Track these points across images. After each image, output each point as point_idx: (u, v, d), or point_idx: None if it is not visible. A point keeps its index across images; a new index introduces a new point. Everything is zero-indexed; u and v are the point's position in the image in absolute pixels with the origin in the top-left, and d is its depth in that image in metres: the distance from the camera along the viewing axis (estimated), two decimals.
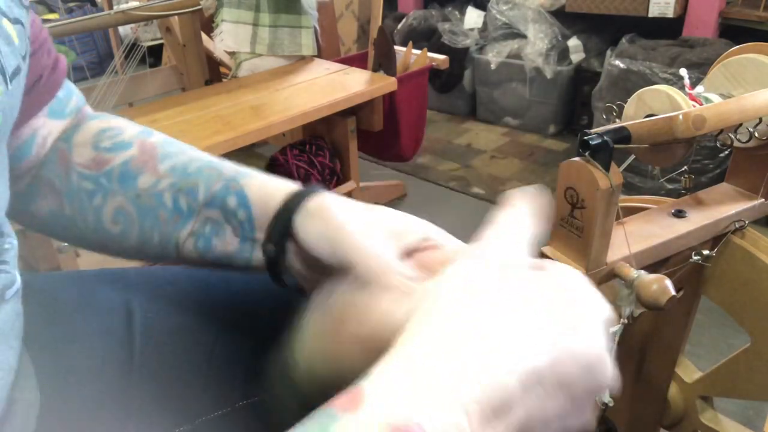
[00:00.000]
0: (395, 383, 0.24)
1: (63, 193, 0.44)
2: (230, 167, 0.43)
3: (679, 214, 0.67)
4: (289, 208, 0.39)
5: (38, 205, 0.45)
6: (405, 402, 0.23)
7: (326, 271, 0.37)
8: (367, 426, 0.22)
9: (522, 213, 0.32)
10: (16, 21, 0.35)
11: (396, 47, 1.63)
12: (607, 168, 0.55)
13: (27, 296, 0.45)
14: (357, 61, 1.74)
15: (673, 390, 0.82)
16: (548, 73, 2.35)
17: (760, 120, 0.61)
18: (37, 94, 0.43)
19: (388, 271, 0.34)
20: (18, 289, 0.36)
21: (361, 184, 1.65)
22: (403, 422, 0.22)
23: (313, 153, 1.44)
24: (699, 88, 0.66)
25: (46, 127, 0.45)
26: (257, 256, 0.41)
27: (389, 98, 1.60)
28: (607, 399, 0.66)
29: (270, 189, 0.41)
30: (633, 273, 0.58)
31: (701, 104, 0.60)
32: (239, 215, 0.41)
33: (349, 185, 1.50)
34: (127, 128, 0.46)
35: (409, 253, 0.39)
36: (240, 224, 0.41)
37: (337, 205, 0.38)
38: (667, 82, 1.80)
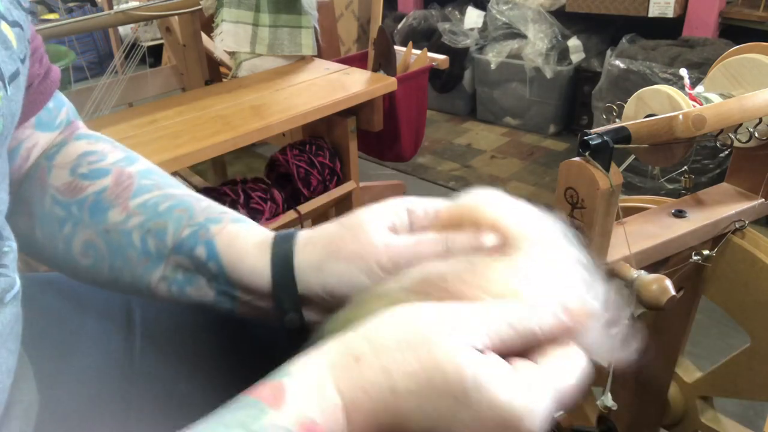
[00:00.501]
0: (312, 391, 0.28)
1: (36, 216, 0.42)
2: (202, 209, 0.41)
3: (679, 214, 0.67)
4: (284, 274, 0.37)
5: (14, 222, 0.42)
6: (316, 409, 0.27)
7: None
8: (286, 422, 0.26)
9: None
10: (14, 24, 0.34)
11: (396, 47, 1.63)
12: (607, 168, 0.55)
13: (26, 297, 0.45)
14: (357, 61, 1.74)
15: (673, 390, 0.82)
16: (548, 73, 2.35)
17: (760, 120, 0.61)
18: (25, 103, 0.40)
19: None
20: (17, 292, 0.36)
21: (361, 184, 1.65)
22: (311, 424, 0.26)
23: (313, 153, 1.44)
24: (699, 88, 0.66)
25: (32, 138, 0.43)
26: (241, 310, 0.40)
27: (389, 98, 1.60)
28: (609, 403, 0.66)
29: (240, 244, 0.39)
30: (633, 273, 0.58)
31: (701, 104, 0.60)
32: (210, 268, 0.39)
33: (349, 185, 1.50)
34: (109, 154, 0.44)
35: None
36: (213, 277, 0.39)
37: (335, 235, 0.38)
38: (667, 82, 1.80)
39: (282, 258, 0.38)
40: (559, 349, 0.31)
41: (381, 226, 0.38)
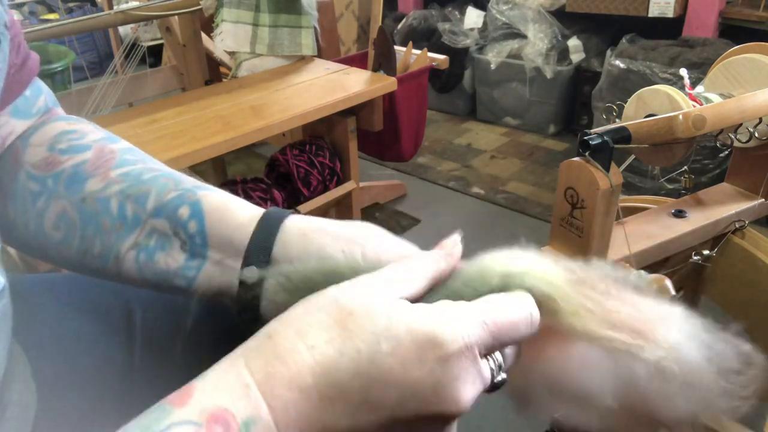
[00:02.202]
0: (221, 379, 0.28)
1: (8, 194, 0.42)
2: (190, 180, 0.42)
3: (679, 214, 0.67)
4: (268, 230, 0.37)
5: None
6: (225, 395, 0.27)
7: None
8: (190, 415, 0.26)
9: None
10: None
11: (396, 47, 1.63)
12: (607, 168, 0.55)
13: (26, 297, 0.45)
14: (357, 61, 1.74)
15: None
16: (548, 73, 2.36)
17: (760, 120, 0.61)
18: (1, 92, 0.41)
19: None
20: (4, 288, 0.36)
21: (361, 184, 1.65)
22: (219, 410, 0.26)
23: (313, 153, 1.44)
24: (699, 88, 0.66)
25: (8, 126, 0.44)
26: (203, 276, 0.39)
27: (389, 98, 1.60)
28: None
29: (231, 207, 0.39)
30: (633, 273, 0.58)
31: (701, 104, 0.60)
32: (190, 227, 0.38)
33: (349, 185, 1.50)
34: (90, 133, 0.44)
35: None
36: (189, 237, 0.39)
37: (317, 227, 0.38)
38: (667, 82, 1.80)
39: (274, 218, 0.38)
40: (501, 293, 0.32)
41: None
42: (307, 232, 0.37)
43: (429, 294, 0.33)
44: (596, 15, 2.23)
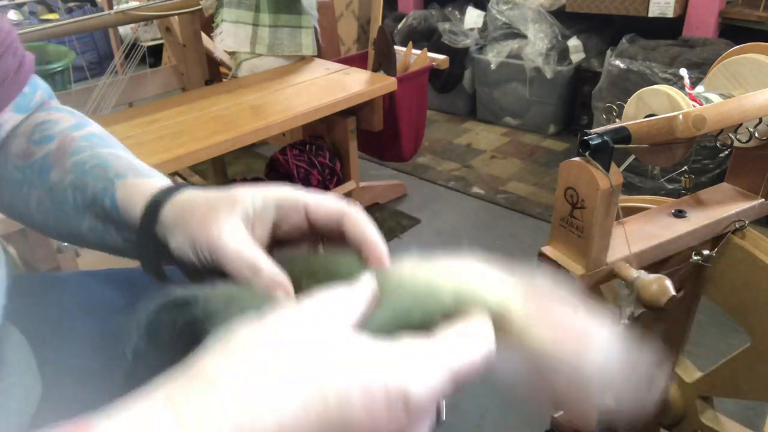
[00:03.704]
0: (135, 423, 0.24)
1: (3, 179, 0.47)
2: (119, 166, 0.44)
3: (679, 214, 0.67)
4: (149, 221, 0.39)
5: None
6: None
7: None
8: None
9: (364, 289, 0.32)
10: None
11: (396, 47, 1.63)
12: (607, 168, 0.55)
13: (31, 295, 0.46)
14: (357, 61, 1.74)
15: (673, 390, 0.82)
16: (548, 73, 2.35)
17: (760, 120, 0.61)
18: (3, 93, 0.46)
19: (258, 273, 0.35)
20: None
21: (361, 184, 1.65)
22: None
23: (313, 153, 1.44)
24: (699, 88, 0.66)
25: (11, 121, 0.48)
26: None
27: (389, 98, 1.60)
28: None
29: (132, 192, 0.41)
30: (633, 273, 0.58)
31: (701, 104, 0.60)
32: (114, 218, 0.42)
33: (349, 185, 1.50)
34: (61, 121, 0.48)
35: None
36: (118, 225, 0.42)
37: (194, 208, 0.38)
38: (667, 82, 1.80)
39: (155, 204, 0.40)
40: (460, 324, 0.31)
41: (243, 236, 0.37)
42: (172, 228, 0.38)
43: (372, 317, 0.32)
44: (596, 15, 2.24)
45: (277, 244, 0.40)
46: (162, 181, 0.42)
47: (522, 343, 0.32)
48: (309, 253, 0.41)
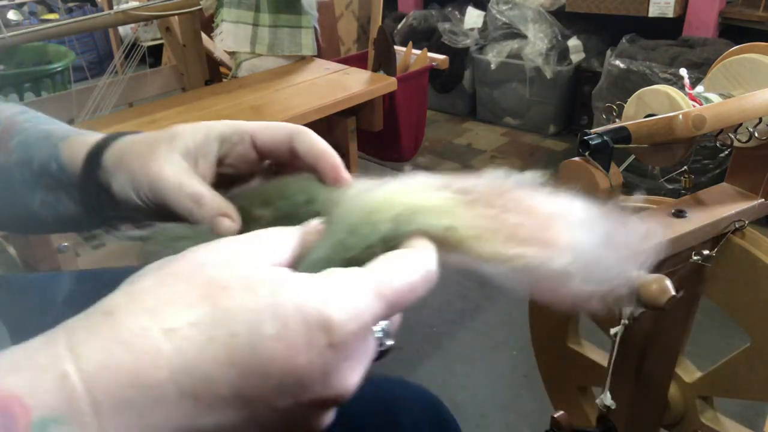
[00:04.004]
0: (26, 358, 0.22)
1: None
2: (62, 131, 0.43)
3: (679, 214, 0.67)
4: (92, 167, 0.39)
5: None
6: (24, 378, 0.21)
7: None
8: None
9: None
10: None
11: (396, 47, 1.63)
12: (607, 168, 0.55)
13: (29, 295, 0.46)
14: (357, 61, 1.74)
15: (673, 390, 0.82)
16: (548, 73, 2.35)
17: (760, 120, 0.61)
18: None
19: (200, 203, 0.34)
20: None
21: None
22: (5, 397, 0.21)
23: None
24: (699, 88, 0.66)
25: None
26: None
27: (389, 98, 1.60)
28: (608, 402, 0.66)
29: (75, 147, 0.40)
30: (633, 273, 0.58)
31: (701, 104, 0.60)
32: (63, 180, 0.41)
33: None
34: (4, 110, 0.47)
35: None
36: (67, 189, 0.41)
37: (134, 149, 0.38)
38: (667, 82, 1.80)
39: (97, 150, 0.39)
40: (397, 251, 0.29)
41: (183, 170, 0.36)
42: (115, 168, 0.38)
43: (309, 253, 0.29)
44: (596, 15, 2.24)
45: (230, 182, 0.39)
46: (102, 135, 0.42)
47: (479, 258, 0.30)
48: (261, 184, 0.39)
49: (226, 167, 0.38)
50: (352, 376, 0.25)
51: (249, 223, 0.35)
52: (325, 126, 1.48)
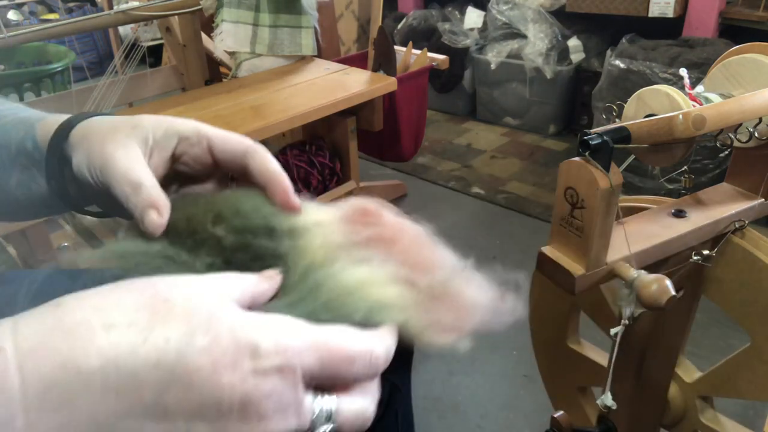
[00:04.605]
0: None
1: None
2: (36, 115, 0.44)
3: (679, 214, 0.67)
4: (59, 141, 0.40)
5: None
6: None
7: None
8: None
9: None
10: None
11: (396, 47, 1.63)
12: (607, 168, 0.55)
13: (27, 293, 0.46)
14: (357, 61, 1.74)
15: (673, 390, 0.82)
16: (548, 73, 2.35)
17: (760, 120, 0.61)
18: None
19: (137, 190, 0.35)
20: None
21: (361, 184, 1.65)
22: None
23: (313, 153, 1.44)
24: (699, 88, 0.66)
25: None
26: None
27: (389, 98, 1.60)
28: (609, 402, 0.66)
29: (50, 125, 0.41)
30: (633, 273, 0.58)
31: (701, 104, 0.60)
32: (36, 157, 0.42)
33: (349, 185, 1.50)
34: None
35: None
36: (39, 166, 0.42)
37: (98, 130, 0.38)
38: (667, 82, 1.80)
39: (67, 126, 0.40)
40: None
41: (135, 157, 0.37)
42: (75, 147, 0.39)
43: (280, 306, 0.31)
44: (596, 15, 2.24)
45: (185, 179, 0.41)
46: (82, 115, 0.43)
47: (414, 338, 0.34)
48: (214, 192, 0.41)
49: (181, 165, 0.40)
50: (272, 419, 0.25)
51: (201, 241, 0.35)
52: (325, 126, 1.48)
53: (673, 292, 0.54)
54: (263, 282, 0.31)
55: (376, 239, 0.37)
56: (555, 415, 0.79)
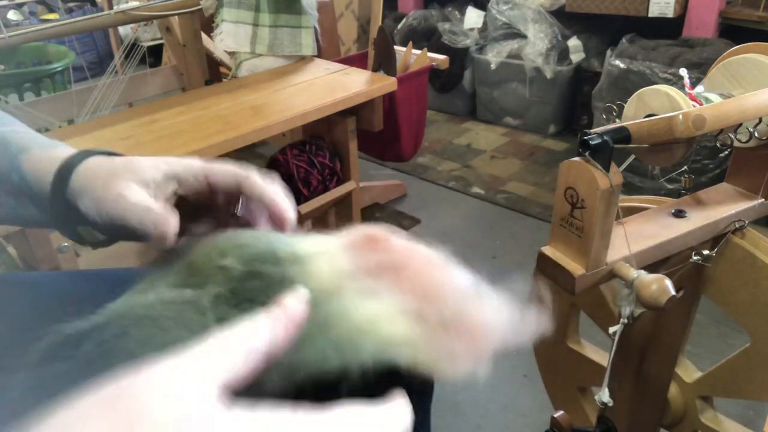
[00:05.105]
0: None
1: None
2: (18, 141, 0.45)
3: (679, 214, 0.67)
4: (61, 189, 0.42)
5: None
6: None
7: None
8: None
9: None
10: None
11: (396, 47, 1.63)
12: (607, 168, 0.55)
13: (26, 293, 0.46)
14: (357, 61, 1.74)
15: (673, 390, 0.82)
16: (548, 73, 2.35)
17: (760, 120, 0.61)
18: None
19: (148, 210, 0.39)
20: None
21: (361, 184, 1.65)
22: None
23: (313, 153, 1.44)
24: (699, 88, 0.66)
25: None
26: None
27: (389, 98, 1.60)
28: (606, 399, 0.66)
29: (41, 165, 0.43)
30: (633, 273, 0.58)
31: (701, 104, 0.60)
32: (25, 191, 0.44)
33: (349, 185, 1.50)
34: None
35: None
36: (32, 199, 0.44)
37: (98, 175, 0.41)
38: (667, 82, 1.80)
39: (64, 172, 0.42)
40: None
41: (142, 193, 0.40)
42: (81, 192, 0.41)
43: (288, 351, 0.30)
44: (596, 15, 2.24)
45: (195, 211, 0.43)
46: (66, 150, 0.44)
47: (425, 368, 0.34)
48: (216, 227, 0.44)
49: (184, 196, 0.43)
50: None
51: (208, 277, 0.35)
52: (325, 126, 1.48)
53: (673, 292, 0.54)
54: (279, 327, 0.29)
55: (384, 266, 0.36)
56: (555, 415, 0.79)
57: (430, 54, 1.75)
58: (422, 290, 0.35)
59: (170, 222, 0.39)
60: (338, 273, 0.36)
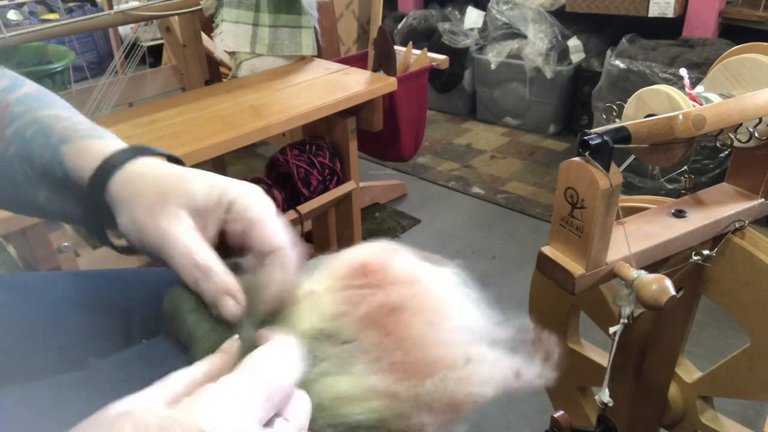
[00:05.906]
0: None
1: None
2: (59, 130, 0.42)
3: (679, 214, 0.67)
4: (97, 191, 0.38)
5: None
6: None
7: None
8: None
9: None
10: None
11: (396, 47, 1.63)
12: (607, 168, 0.55)
13: (26, 294, 0.46)
14: (357, 61, 1.74)
15: (673, 390, 0.82)
16: (548, 73, 2.35)
17: (760, 120, 0.61)
18: None
19: (208, 276, 0.34)
20: None
21: (361, 184, 1.65)
22: None
23: (313, 153, 1.44)
24: (699, 88, 0.66)
25: None
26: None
27: (389, 98, 1.60)
28: (606, 398, 0.66)
29: (80, 158, 0.40)
30: (633, 273, 0.58)
31: (701, 104, 0.60)
32: (69, 186, 0.41)
33: (349, 185, 1.50)
34: None
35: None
36: (74, 194, 0.41)
37: (143, 193, 0.37)
38: (667, 82, 1.80)
39: (104, 173, 0.38)
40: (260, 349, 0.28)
41: (193, 234, 0.35)
42: (119, 204, 0.38)
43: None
44: (596, 15, 2.24)
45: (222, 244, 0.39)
46: (111, 144, 0.41)
47: None
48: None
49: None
50: None
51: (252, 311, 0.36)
52: (325, 126, 1.48)
53: (673, 292, 0.54)
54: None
55: (374, 308, 0.34)
56: (555, 415, 0.79)
57: (430, 54, 1.75)
58: (406, 352, 0.33)
59: (237, 296, 0.34)
60: (316, 329, 0.34)
